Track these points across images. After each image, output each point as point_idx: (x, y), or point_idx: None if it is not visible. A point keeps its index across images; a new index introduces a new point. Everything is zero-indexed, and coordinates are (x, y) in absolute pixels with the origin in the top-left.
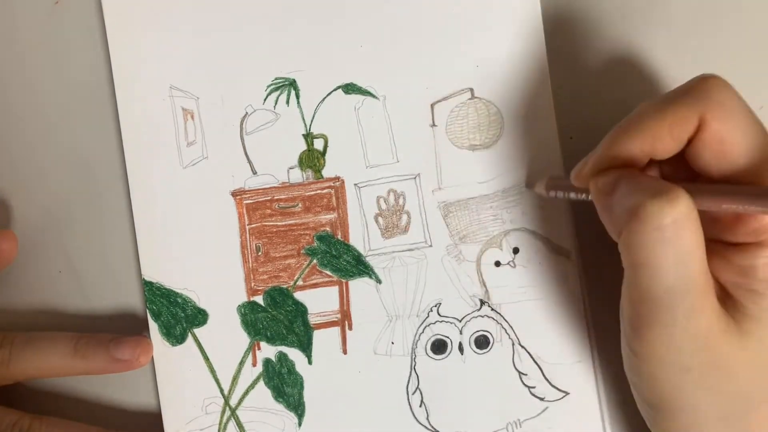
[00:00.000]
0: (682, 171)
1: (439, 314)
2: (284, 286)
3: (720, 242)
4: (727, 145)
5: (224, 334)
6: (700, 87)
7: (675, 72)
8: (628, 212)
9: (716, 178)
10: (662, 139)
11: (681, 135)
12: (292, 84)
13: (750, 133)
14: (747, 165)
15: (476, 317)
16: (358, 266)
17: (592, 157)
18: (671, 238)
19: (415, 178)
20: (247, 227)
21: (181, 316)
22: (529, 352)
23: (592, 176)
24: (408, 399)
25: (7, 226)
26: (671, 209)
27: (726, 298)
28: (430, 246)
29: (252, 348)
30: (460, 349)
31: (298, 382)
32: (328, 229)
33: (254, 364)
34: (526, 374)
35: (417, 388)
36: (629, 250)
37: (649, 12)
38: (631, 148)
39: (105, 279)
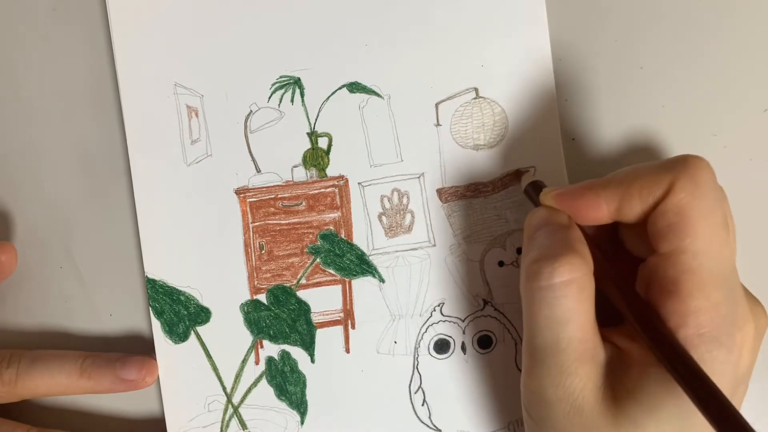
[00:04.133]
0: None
1: (442, 314)
2: (287, 285)
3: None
4: (685, 217)
5: (227, 332)
6: (680, 159)
7: (679, 72)
8: (524, 267)
9: (663, 249)
10: (630, 199)
11: (648, 198)
12: (297, 82)
13: (713, 223)
14: (697, 252)
15: (479, 317)
16: (362, 265)
17: (562, 192)
18: (549, 299)
19: (419, 177)
20: (250, 225)
21: (183, 314)
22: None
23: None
24: (410, 398)
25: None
26: (552, 274)
27: (618, 370)
28: (434, 245)
29: (255, 346)
30: (463, 348)
31: (300, 381)
32: (331, 227)
33: (257, 363)
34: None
35: (419, 387)
36: (522, 300)
37: (653, 13)
38: (599, 201)
39: (107, 276)
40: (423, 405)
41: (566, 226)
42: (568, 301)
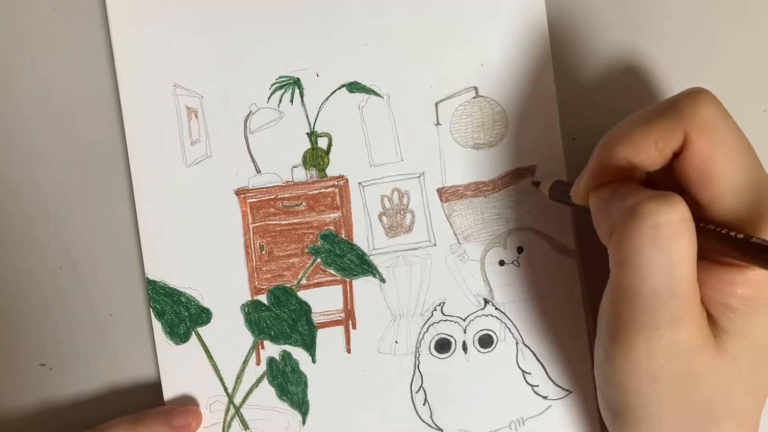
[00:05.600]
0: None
1: (443, 313)
2: (288, 285)
3: (702, 258)
4: (710, 164)
5: (228, 333)
6: (687, 102)
7: (678, 72)
8: (624, 211)
9: (703, 201)
10: (648, 151)
11: (665, 149)
12: (296, 82)
13: (736, 155)
14: (733, 189)
15: (480, 316)
16: (362, 265)
17: (586, 172)
18: (664, 239)
19: (419, 177)
20: (250, 226)
21: (184, 315)
22: (532, 351)
23: (588, 191)
24: (412, 397)
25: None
26: (668, 211)
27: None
28: (434, 245)
29: (256, 347)
30: (464, 348)
31: (302, 381)
32: (332, 228)
33: (258, 363)
34: (529, 373)
35: (421, 386)
36: (620, 248)
37: (653, 14)
38: (618, 157)
39: (108, 277)
40: (424, 404)
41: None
42: (684, 240)
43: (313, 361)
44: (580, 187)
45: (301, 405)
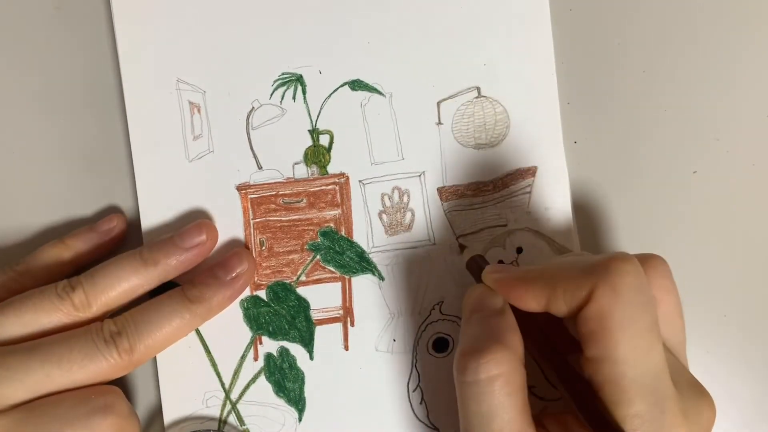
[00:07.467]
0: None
1: (441, 312)
2: (287, 281)
3: None
4: (604, 327)
5: (226, 328)
6: (602, 265)
7: (683, 78)
8: (455, 356)
9: (588, 358)
10: (555, 300)
11: (571, 302)
12: (299, 79)
13: (633, 328)
14: (613, 359)
15: None
16: (362, 263)
17: (502, 276)
18: (474, 395)
19: (419, 175)
20: (251, 222)
21: None
22: (529, 352)
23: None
24: (409, 396)
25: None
26: (476, 369)
27: None
28: (434, 244)
29: (254, 342)
30: None
31: (299, 378)
32: (332, 225)
33: (255, 359)
34: (526, 373)
35: (418, 385)
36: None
37: (658, 14)
38: (527, 297)
39: None
40: (421, 403)
41: (498, 311)
42: (494, 396)
43: (311, 357)
44: (487, 280)
45: (297, 402)
